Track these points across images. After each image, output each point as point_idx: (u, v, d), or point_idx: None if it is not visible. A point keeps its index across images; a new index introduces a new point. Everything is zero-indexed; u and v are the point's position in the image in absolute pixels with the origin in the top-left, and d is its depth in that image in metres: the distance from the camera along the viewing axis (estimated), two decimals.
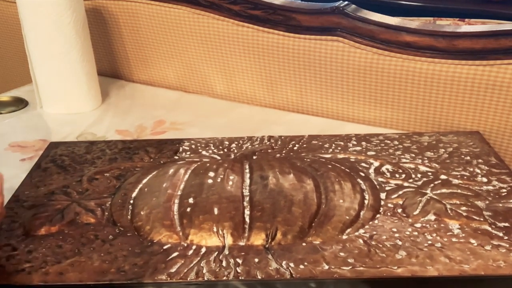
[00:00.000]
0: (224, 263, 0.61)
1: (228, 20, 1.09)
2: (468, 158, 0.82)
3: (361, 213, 0.69)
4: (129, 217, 0.71)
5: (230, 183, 0.76)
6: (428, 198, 0.72)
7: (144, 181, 0.79)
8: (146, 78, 1.28)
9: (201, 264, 0.61)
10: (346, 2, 0.99)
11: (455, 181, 0.76)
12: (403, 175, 0.78)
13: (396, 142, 0.88)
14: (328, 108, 1.07)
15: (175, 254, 0.63)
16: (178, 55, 1.20)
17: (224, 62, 1.14)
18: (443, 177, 0.77)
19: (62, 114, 1.11)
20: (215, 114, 1.11)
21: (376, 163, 0.82)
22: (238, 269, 0.60)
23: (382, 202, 0.72)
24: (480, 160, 0.81)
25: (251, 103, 1.16)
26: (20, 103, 1.17)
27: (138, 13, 1.19)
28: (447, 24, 1.29)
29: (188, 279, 0.59)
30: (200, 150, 0.88)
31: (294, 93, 1.09)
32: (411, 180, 0.77)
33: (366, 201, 0.72)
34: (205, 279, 0.59)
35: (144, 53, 1.24)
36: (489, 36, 0.87)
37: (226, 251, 0.63)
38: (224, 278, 0.59)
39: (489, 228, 0.65)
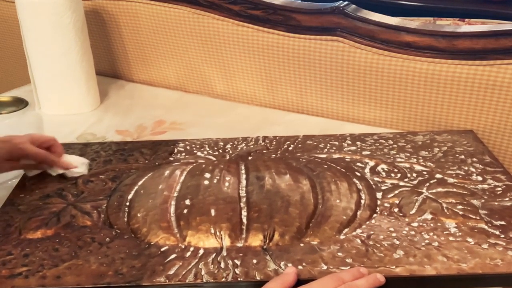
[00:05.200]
0: (222, 265, 0.61)
1: (228, 20, 1.09)
2: (463, 157, 0.83)
3: (358, 213, 0.70)
4: (125, 219, 0.70)
5: (227, 184, 0.76)
6: (424, 197, 0.72)
7: (140, 183, 0.78)
8: (146, 78, 1.28)
9: (199, 266, 0.61)
10: (346, 2, 0.99)
11: (451, 180, 0.76)
12: (399, 175, 0.78)
13: (390, 142, 0.88)
14: (328, 108, 1.07)
15: (173, 256, 0.63)
16: (178, 55, 1.19)
17: (224, 62, 1.14)
18: (438, 176, 0.78)
19: (61, 114, 1.11)
20: (215, 114, 1.11)
21: (372, 163, 0.82)
22: (237, 270, 0.60)
23: (379, 202, 0.72)
24: (474, 159, 0.82)
25: (251, 103, 1.16)
26: (20, 103, 1.16)
27: (138, 13, 1.19)
28: (447, 24, 1.29)
29: (187, 281, 0.59)
30: (195, 151, 0.88)
31: (294, 93, 1.10)
32: (406, 180, 0.77)
33: (362, 201, 0.72)
34: (204, 280, 0.59)
35: (144, 53, 1.24)
36: (489, 36, 0.88)
37: (224, 253, 0.63)
38: (223, 279, 0.59)
39: (486, 227, 0.66)
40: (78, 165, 0.82)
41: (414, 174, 0.78)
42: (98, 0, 1.22)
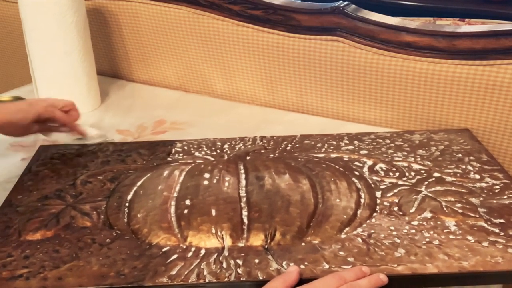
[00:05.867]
0: (224, 265, 0.61)
1: (228, 20, 1.09)
2: (460, 155, 0.83)
3: (358, 212, 0.70)
4: (125, 220, 0.70)
5: (226, 184, 0.76)
6: (423, 195, 0.73)
7: (139, 183, 0.78)
8: (146, 78, 1.27)
9: (202, 266, 0.61)
10: (346, 2, 0.99)
11: (449, 179, 0.77)
12: (397, 173, 0.79)
13: (388, 141, 0.89)
14: (328, 108, 1.07)
15: (175, 256, 0.63)
16: (178, 55, 1.19)
17: (224, 62, 1.14)
18: (436, 174, 0.78)
19: None
20: (215, 114, 1.11)
21: (370, 162, 0.82)
22: (239, 270, 0.60)
23: (378, 201, 0.72)
24: (471, 158, 0.82)
25: (251, 102, 1.16)
26: None
27: (138, 13, 1.18)
28: (447, 24, 1.30)
29: (189, 281, 0.59)
30: (193, 152, 0.88)
31: (294, 93, 1.10)
32: (405, 178, 0.77)
33: (362, 200, 0.72)
34: (207, 280, 0.59)
35: (144, 53, 1.24)
36: (489, 36, 0.88)
37: (226, 253, 0.63)
38: (226, 279, 0.59)
39: (485, 225, 0.66)
40: (94, 133, 0.88)
41: (412, 173, 0.79)
42: (98, 0, 1.21)
